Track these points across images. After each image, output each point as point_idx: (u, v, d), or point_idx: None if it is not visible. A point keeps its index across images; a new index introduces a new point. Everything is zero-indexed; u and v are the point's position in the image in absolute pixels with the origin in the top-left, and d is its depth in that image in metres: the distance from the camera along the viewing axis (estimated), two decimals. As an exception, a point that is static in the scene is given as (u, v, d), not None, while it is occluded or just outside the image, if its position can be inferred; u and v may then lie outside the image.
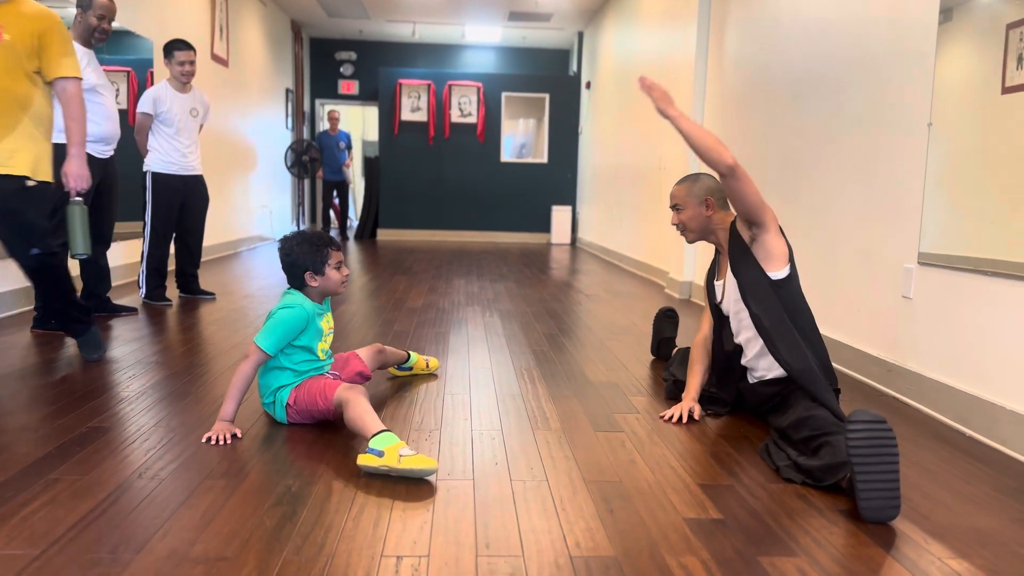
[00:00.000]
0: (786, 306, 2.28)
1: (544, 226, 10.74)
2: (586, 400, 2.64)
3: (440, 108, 10.56)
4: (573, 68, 10.95)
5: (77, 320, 2.98)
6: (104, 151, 3.69)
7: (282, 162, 9.91)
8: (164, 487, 1.79)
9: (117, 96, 5.24)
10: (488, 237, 10.77)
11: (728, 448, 2.19)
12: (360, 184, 12.82)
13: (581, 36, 10.39)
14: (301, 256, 2.25)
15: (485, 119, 10.59)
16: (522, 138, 11.05)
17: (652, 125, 6.50)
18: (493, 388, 2.76)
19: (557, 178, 10.71)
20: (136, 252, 5.33)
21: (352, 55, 11.38)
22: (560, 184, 10.72)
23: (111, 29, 3.61)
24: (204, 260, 6.76)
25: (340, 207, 10.75)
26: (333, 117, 10.26)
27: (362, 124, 13.70)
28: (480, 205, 10.72)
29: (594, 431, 2.30)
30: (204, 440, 2.10)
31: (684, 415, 2.41)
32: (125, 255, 5.27)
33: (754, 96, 4.29)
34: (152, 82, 5.69)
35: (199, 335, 3.57)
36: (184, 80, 4.46)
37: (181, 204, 4.55)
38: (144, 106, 4.37)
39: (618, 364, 3.19)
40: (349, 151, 10.31)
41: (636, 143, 7.08)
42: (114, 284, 4.94)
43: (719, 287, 2.50)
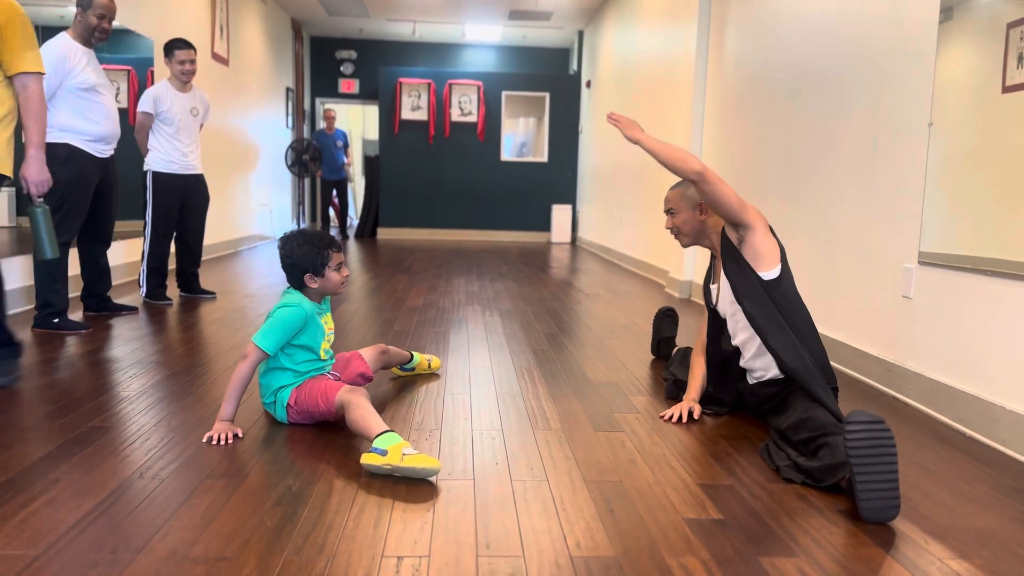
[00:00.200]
0: (779, 306, 2.28)
1: (544, 225, 10.75)
2: (586, 400, 2.64)
3: (440, 107, 10.56)
4: (573, 67, 10.95)
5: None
6: (104, 150, 3.69)
7: (282, 161, 9.92)
8: (165, 487, 1.79)
9: (117, 95, 5.24)
10: (488, 236, 10.77)
11: (728, 448, 2.19)
12: (360, 183, 12.82)
13: (581, 35, 10.38)
14: (301, 258, 2.24)
15: (485, 118, 10.59)
16: (522, 137, 11.05)
17: (652, 124, 6.50)
18: (493, 387, 2.76)
19: (557, 177, 10.71)
20: (136, 251, 5.33)
21: (352, 54, 11.38)
22: (560, 183, 10.72)
23: (111, 28, 3.61)
24: (204, 259, 6.77)
25: (340, 205, 10.74)
26: (329, 116, 10.19)
27: (362, 123, 13.70)
28: (480, 204, 10.72)
29: (594, 431, 2.31)
30: (205, 440, 2.11)
31: (684, 415, 2.42)
32: (125, 254, 5.27)
33: (754, 95, 4.29)
34: (152, 81, 5.69)
35: (199, 334, 3.57)
36: (185, 79, 4.46)
37: (181, 203, 4.55)
38: (144, 105, 4.37)
39: (618, 363, 3.19)
40: (347, 149, 10.28)
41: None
42: (114, 283, 4.94)
43: (714, 290, 2.51)
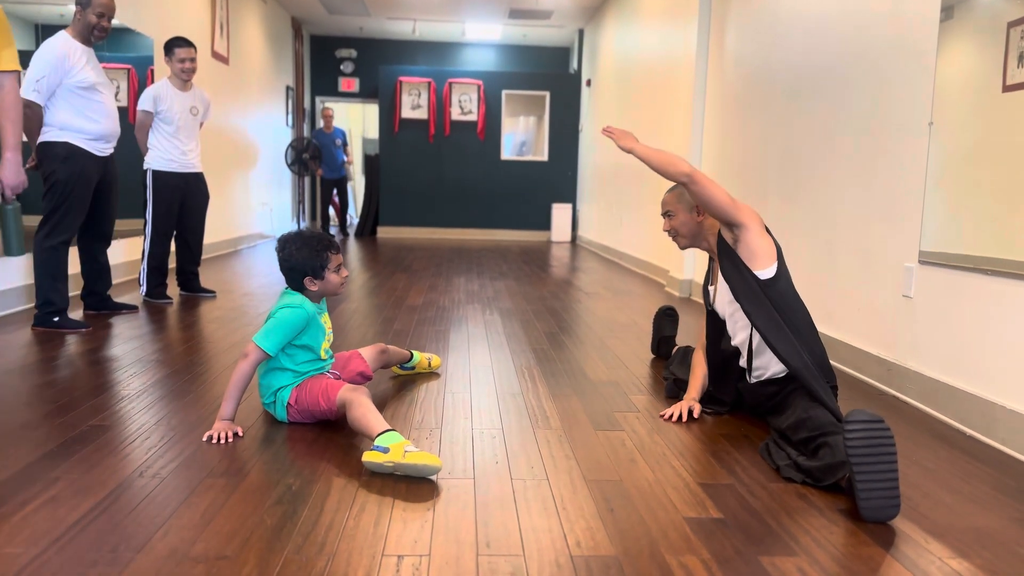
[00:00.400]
0: (776, 305, 2.28)
1: (544, 224, 10.74)
2: (586, 399, 2.64)
3: (440, 106, 10.56)
4: (573, 66, 10.94)
5: None
6: (104, 149, 3.69)
7: (282, 160, 9.91)
8: (165, 486, 1.79)
9: (117, 94, 5.24)
10: (488, 235, 10.77)
11: (728, 447, 2.19)
12: (360, 182, 12.81)
13: (581, 34, 10.38)
14: (300, 260, 2.24)
15: (485, 117, 10.59)
16: (522, 136, 11.04)
17: (652, 123, 6.50)
18: (493, 386, 2.76)
19: (557, 176, 10.71)
20: (136, 250, 5.33)
21: (352, 52, 11.37)
22: (560, 182, 10.71)
23: (110, 27, 3.61)
24: (204, 258, 6.76)
25: (340, 204, 10.74)
26: (327, 115, 10.13)
27: (362, 122, 13.69)
28: (480, 203, 10.71)
29: (594, 430, 2.31)
30: (205, 439, 2.11)
31: (684, 414, 2.42)
32: (125, 253, 5.27)
33: (754, 94, 4.29)
34: (152, 80, 5.69)
35: (200, 333, 3.57)
36: (185, 78, 4.46)
37: (181, 202, 4.55)
38: (145, 104, 4.37)
39: (618, 362, 3.19)
40: (346, 148, 10.26)
41: (638, 139, 7.06)
42: (114, 282, 4.94)
43: (712, 292, 2.51)
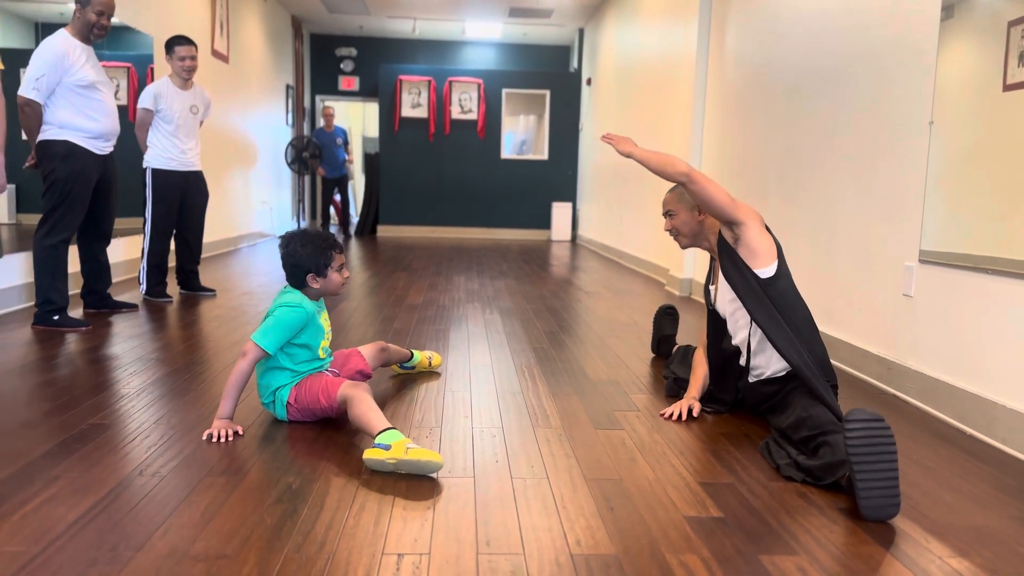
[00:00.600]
0: (776, 303, 2.28)
1: (544, 223, 10.74)
2: (586, 398, 2.64)
3: (440, 104, 10.55)
4: (574, 65, 10.94)
5: None
6: (103, 147, 3.69)
7: (282, 158, 9.91)
8: (165, 484, 1.79)
9: (117, 92, 5.24)
10: (488, 234, 10.77)
11: (728, 446, 2.19)
12: (360, 180, 12.80)
13: (582, 32, 10.37)
14: (304, 258, 2.23)
15: (485, 116, 10.58)
16: (522, 135, 11.04)
17: (652, 122, 6.50)
18: (493, 385, 2.76)
19: (557, 175, 10.70)
20: (136, 248, 5.33)
21: (352, 51, 11.37)
22: (560, 181, 10.71)
23: (110, 25, 3.60)
24: (204, 256, 6.76)
25: (341, 203, 10.73)
26: (327, 114, 10.10)
27: (362, 120, 13.68)
28: (480, 202, 10.71)
29: (594, 429, 2.31)
30: (205, 437, 2.10)
31: (684, 413, 2.41)
32: (125, 251, 5.27)
33: (754, 93, 4.29)
34: (152, 78, 5.69)
35: (199, 332, 3.57)
36: (185, 76, 4.46)
37: (181, 200, 4.55)
38: (145, 102, 4.37)
39: (618, 362, 3.19)
40: (347, 146, 10.25)
41: (637, 140, 7.06)
42: (114, 280, 4.94)
43: (713, 291, 2.51)
